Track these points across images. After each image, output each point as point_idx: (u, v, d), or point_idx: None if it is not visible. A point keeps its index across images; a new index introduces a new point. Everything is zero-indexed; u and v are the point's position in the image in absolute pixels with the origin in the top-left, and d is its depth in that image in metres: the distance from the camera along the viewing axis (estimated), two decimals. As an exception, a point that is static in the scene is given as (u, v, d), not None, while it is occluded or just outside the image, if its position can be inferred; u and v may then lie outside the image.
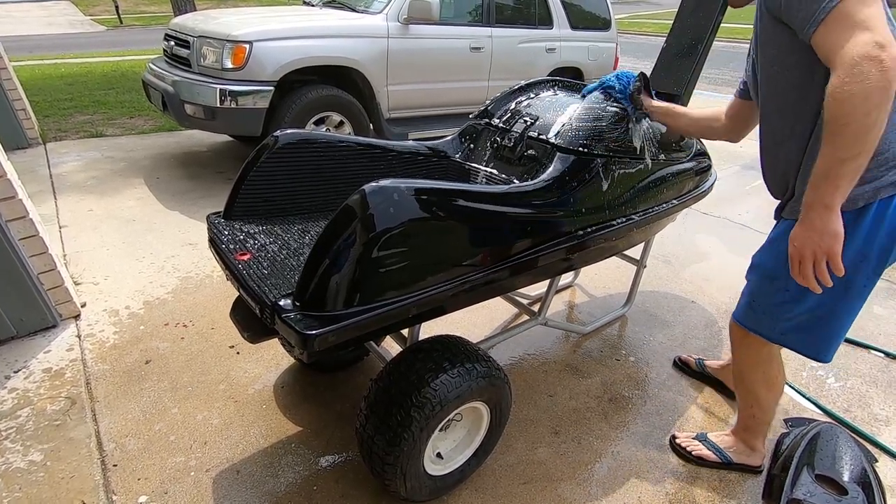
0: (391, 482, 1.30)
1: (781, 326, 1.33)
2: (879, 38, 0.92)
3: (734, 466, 1.62)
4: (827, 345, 1.33)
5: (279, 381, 1.88)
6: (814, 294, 1.15)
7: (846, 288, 1.21)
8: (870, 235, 1.16)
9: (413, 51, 3.83)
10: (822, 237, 1.03)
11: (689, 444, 1.67)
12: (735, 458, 1.62)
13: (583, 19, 4.87)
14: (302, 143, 1.54)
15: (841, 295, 1.22)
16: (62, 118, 5.06)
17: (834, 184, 1.00)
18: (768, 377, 1.48)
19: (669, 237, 3.12)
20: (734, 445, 1.63)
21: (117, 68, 7.67)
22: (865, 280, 1.21)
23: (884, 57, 0.90)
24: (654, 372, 2.04)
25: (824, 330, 1.30)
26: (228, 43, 3.20)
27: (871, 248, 1.17)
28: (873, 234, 1.15)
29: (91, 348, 1.99)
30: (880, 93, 0.91)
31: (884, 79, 0.90)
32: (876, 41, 0.92)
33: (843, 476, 1.53)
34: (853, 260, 1.17)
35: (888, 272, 2.87)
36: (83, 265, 2.55)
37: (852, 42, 0.94)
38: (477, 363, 1.33)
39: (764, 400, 1.52)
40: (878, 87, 0.91)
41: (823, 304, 1.25)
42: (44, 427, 1.63)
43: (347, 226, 1.07)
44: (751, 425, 1.59)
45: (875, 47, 0.91)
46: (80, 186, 3.50)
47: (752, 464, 1.62)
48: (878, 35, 0.92)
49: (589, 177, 1.50)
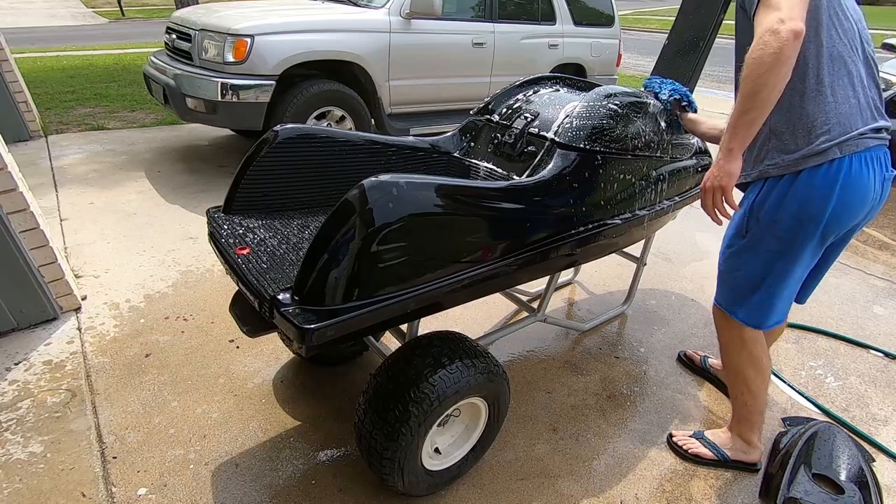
0: (389, 477, 1.31)
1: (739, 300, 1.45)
2: (783, 15, 1.10)
3: (731, 464, 1.62)
4: (766, 311, 1.44)
5: (278, 375, 1.88)
6: (758, 259, 1.36)
7: (782, 251, 1.34)
8: (802, 202, 1.28)
9: (415, 46, 3.82)
10: (720, 174, 1.24)
11: (686, 442, 1.68)
12: (732, 455, 1.62)
13: (586, 15, 4.85)
14: (302, 138, 1.53)
15: (776, 258, 1.36)
16: (64, 111, 5.05)
17: (733, 132, 1.20)
18: (754, 357, 1.51)
19: (670, 235, 3.12)
20: (730, 442, 1.64)
21: (119, 61, 7.66)
22: (801, 245, 1.32)
23: (781, 29, 1.09)
24: (653, 370, 2.04)
25: (765, 295, 1.41)
26: (230, 37, 3.19)
27: (804, 214, 1.28)
28: (805, 201, 1.28)
29: (91, 341, 2.00)
30: (773, 58, 1.10)
31: (776, 46, 1.09)
32: (780, 17, 1.10)
33: (841, 475, 1.53)
34: (789, 224, 1.31)
35: (889, 271, 2.87)
36: (84, 258, 2.56)
37: (765, 19, 1.13)
38: (476, 359, 1.33)
39: (753, 383, 1.54)
40: (772, 52, 1.10)
41: (766, 270, 1.38)
42: (44, 419, 1.64)
43: (346, 221, 1.07)
44: (745, 416, 1.60)
45: (777, 22, 1.10)
46: (81, 179, 3.50)
47: (748, 461, 1.62)
48: (783, 13, 1.10)
49: (589, 174, 1.50)
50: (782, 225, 1.32)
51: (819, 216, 1.28)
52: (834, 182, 1.24)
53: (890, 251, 3.14)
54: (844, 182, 1.24)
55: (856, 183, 1.25)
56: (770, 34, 1.10)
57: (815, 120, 1.24)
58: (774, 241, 1.34)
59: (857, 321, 2.42)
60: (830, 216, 1.27)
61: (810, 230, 1.30)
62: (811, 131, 1.25)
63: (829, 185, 1.25)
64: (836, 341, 2.28)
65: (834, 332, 2.32)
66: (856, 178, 1.24)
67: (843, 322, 2.40)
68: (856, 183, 1.25)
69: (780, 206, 1.31)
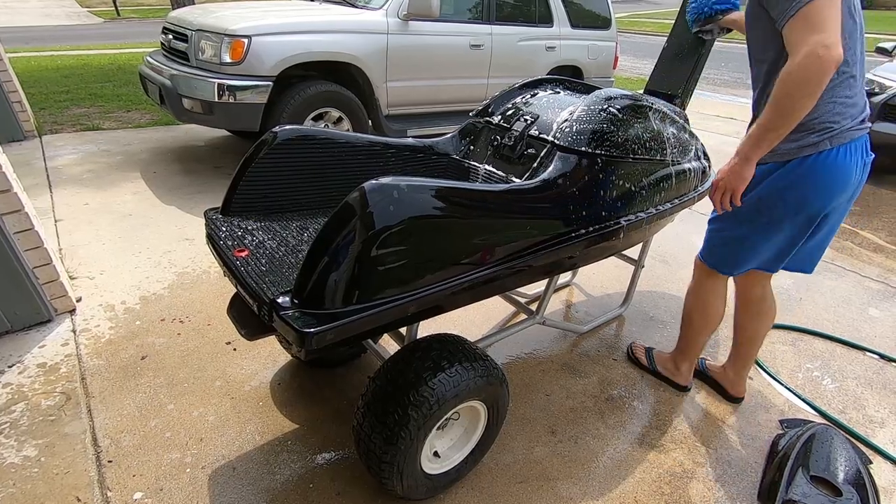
0: (388, 480, 1.30)
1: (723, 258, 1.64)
2: (828, 40, 1.14)
3: (658, 375, 1.98)
4: (733, 262, 1.63)
5: (276, 378, 1.87)
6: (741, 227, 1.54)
7: (767, 222, 1.50)
8: (791, 184, 1.41)
9: (413, 47, 3.82)
10: (734, 178, 1.36)
11: (637, 349, 2.07)
12: (661, 370, 1.97)
13: (583, 18, 4.86)
14: (301, 140, 1.53)
15: (762, 227, 1.51)
16: (58, 111, 5.02)
17: (757, 143, 1.30)
18: (705, 304, 1.77)
19: (667, 237, 3.13)
20: (665, 363, 1.97)
21: (114, 61, 7.62)
22: (783, 218, 1.47)
23: (825, 56, 1.14)
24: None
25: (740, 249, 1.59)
26: (227, 37, 3.18)
27: (790, 194, 1.42)
28: (794, 183, 1.41)
29: (86, 343, 1.98)
30: (815, 83, 1.17)
31: (819, 73, 1.15)
32: (825, 43, 1.14)
33: (838, 477, 1.53)
34: (774, 204, 1.45)
35: (884, 274, 2.89)
36: (79, 259, 2.54)
37: (808, 39, 1.16)
38: (475, 362, 1.32)
39: (695, 323, 1.82)
40: (815, 78, 1.16)
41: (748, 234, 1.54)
42: (38, 422, 1.62)
43: (347, 223, 1.07)
44: (681, 346, 1.90)
45: (822, 47, 1.14)
46: (76, 180, 3.48)
47: (675, 381, 1.93)
48: (827, 37, 1.14)
49: (589, 177, 1.50)
50: (768, 203, 1.46)
51: (805, 200, 1.41)
52: (822, 170, 1.37)
53: (885, 254, 3.16)
54: (831, 170, 1.37)
55: (841, 170, 1.38)
56: (814, 58, 1.14)
57: (812, 118, 1.33)
58: (757, 214, 1.50)
59: (852, 323, 2.43)
60: (816, 199, 1.41)
61: (794, 210, 1.44)
62: (809, 127, 1.35)
63: (817, 172, 1.38)
64: (833, 343, 2.29)
65: (830, 334, 2.33)
66: (841, 166, 1.37)
67: (840, 324, 2.42)
68: (841, 170, 1.38)
69: (772, 188, 1.44)
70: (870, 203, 3.99)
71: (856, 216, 3.72)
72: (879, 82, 4.38)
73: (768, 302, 1.75)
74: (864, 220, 3.67)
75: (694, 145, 1.94)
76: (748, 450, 1.71)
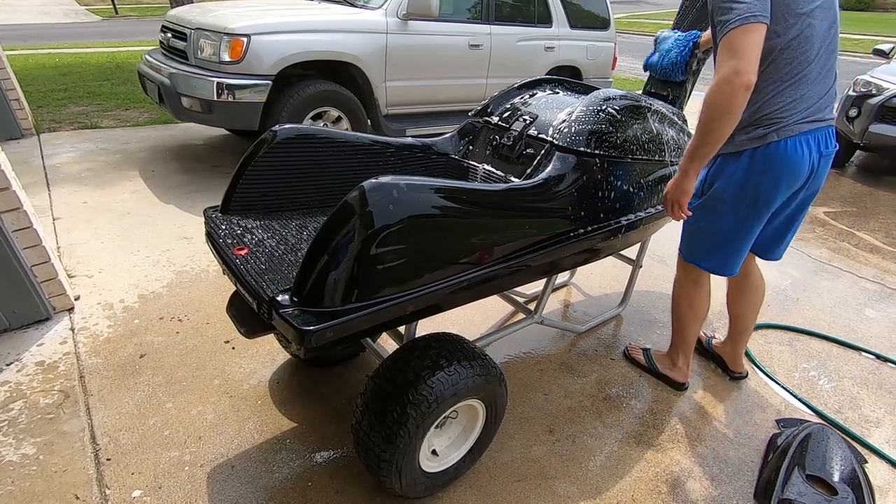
0: (386, 479, 1.30)
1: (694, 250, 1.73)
2: (741, 66, 1.24)
3: (658, 375, 2.00)
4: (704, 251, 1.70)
5: (274, 376, 1.88)
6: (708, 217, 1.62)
7: (730, 210, 1.58)
8: (745, 175, 1.51)
9: (412, 47, 3.82)
10: (677, 191, 1.48)
11: (634, 350, 2.09)
12: (661, 368, 1.99)
13: (582, 18, 4.87)
14: (301, 139, 1.53)
15: (729, 221, 1.60)
16: (56, 109, 5.01)
17: (691, 159, 1.42)
18: (690, 298, 1.84)
19: (665, 238, 3.14)
20: (662, 360, 2.01)
21: (112, 59, 7.60)
22: (746, 210, 1.55)
23: (735, 81, 1.24)
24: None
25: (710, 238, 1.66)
26: (226, 36, 3.17)
27: (747, 184, 1.52)
28: (748, 174, 1.50)
29: (85, 342, 1.98)
30: (725, 107, 1.28)
31: (729, 98, 1.26)
32: (737, 69, 1.24)
33: (834, 476, 1.54)
34: (734, 192, 1.54)
35: (880, 275, 2.90)
36: (77, 258, 2.54)
37: (724, 64, 1.27)
38: (473, 361, 1.33)
39: (684, 317, 1.87)
40: (724, 103, 1.27)
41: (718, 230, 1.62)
42: (37, 420, 1.62)
43: (346, 222, 1.07)
44: (675, 342, 1.95)
45: (733, 73, 1.24)
46: (74, 178, 3.47)
47: (674, 378, 1.96)
48: (740, 64, 1.24)
49: (588, 177, 1.50)
50: (729, 192, 1.55)
51: (759, 187, 1.51)
52: (773, 159, 1.47)
53: (881, 254, 3.18)
54: (781, 159, 1.46)
55: (790, 160, 1.46)
56: (726, 84, 1.25)
57: (761, 115, 1.45)
58: (722, 204, 1.58)
59: (849, 324, 2.44)
60: (768, 187, 1.50)
61: (752, 198, 1.53)
62: (757, 122, 1.46)
63: (768, 161, 1.47)
64: (829, 344, 2.30)
65: (827, 334, 2.34)
66: (791, 156, 1.46)
67: (836, 324, 2.43)
68: (790, 160, 1.46)
69: (731, 178, 1.54)
70: (867, 204, 4.01)
71: (852, 217, 3.74)
72: (877, 84, 4.40)
73: (751, 280, 1.87)
74: (860, 221, 3.68)
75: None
76: (745, 449, 1.71)
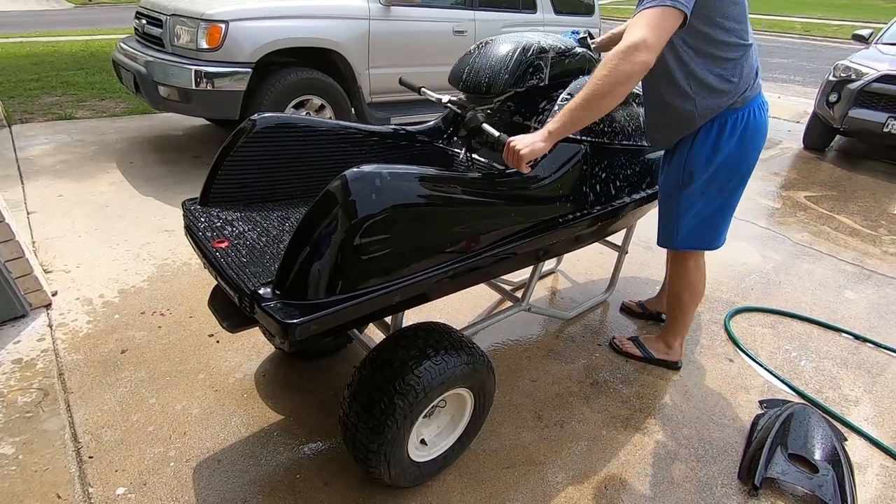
0: (375, 469, 1.30)
1: (682, 234, 1.71)
2: (649, 41, 1.20)
3: (655, 361, 1.99)
4: (712, 236, 1.72)
5: (260, 369, 1.85)
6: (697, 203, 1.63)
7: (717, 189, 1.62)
8: (716, 145, 1.55)
9: (395, 33, 3.76)
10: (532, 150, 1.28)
11: (623, 343, 2.05)
12: (656, 354, 1.99)
13: (566, 4, 4.83)
14: (281, 127, 1.50)
15: (714, 196, 1.63)
16: (28, 99, 4.85)
17: (563, 119, 1.27)
18: (695, 285, 1.84)
19: (650, 223, 3.15)
20: (656, 345, 2.01)
21: (86, 48, 7.37)
22: (725, 181, 1.60)
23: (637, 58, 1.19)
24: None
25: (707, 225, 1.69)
26: (203, 22, 3.09)
27: (720, 154, 1.55)
28: (720, 144, 1.54)
29: (63, 338, 1.94)
30: (624, 78, 1.20)
31: (629, 71, 1.20)
32: (645, 42, 1.19)
33: (815, 455, 1.58)
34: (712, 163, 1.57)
35: (859, 257, 2.96)
36: (54, 252, 2.47)
37: (633, 33, 1.22)
38: (461, 350, 1.32)
39: (687, 303, 1.88)
40: (624, 74, 1.20)
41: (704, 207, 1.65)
42: (15, 419, 1.58)
43: (328, 212, 1.05)
44: (674, 326, 1.96)
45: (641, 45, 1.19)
46: (49, 171, 3.37)
47: (670, 359, 1.98)
48: (648, 38, 1.20)
49: (573, 163, 1.49)
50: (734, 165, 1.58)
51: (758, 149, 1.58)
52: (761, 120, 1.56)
53: (860, 237, 3.24)
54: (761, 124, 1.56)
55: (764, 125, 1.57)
56: (628, 53, 1.19)
57: None
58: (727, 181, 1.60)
59: (829, 305, 2.49)
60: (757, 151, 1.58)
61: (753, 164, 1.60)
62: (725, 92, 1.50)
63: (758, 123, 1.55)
64: (810, 325, 2.34)
65: (808, 316, 2.38)
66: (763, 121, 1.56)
67: (816, 306, 2.47)
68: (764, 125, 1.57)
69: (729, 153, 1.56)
70: (846, 188, 4.08)
71: (832, 201, 3.80)
72: (856, 69, 4.45)
73: None
74: (840, 204, 3.75)
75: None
76: (729, 430, 1.74)
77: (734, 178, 1.60)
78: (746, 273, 2.74)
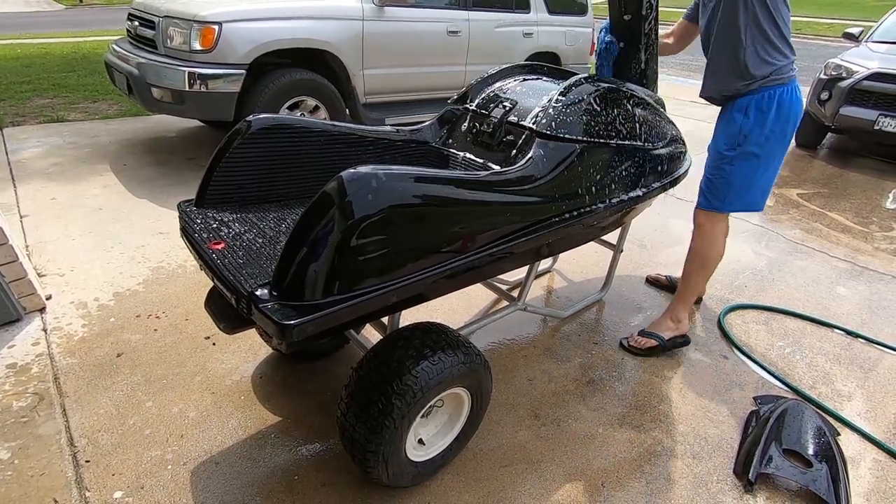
0: (373, 469, 1.30)
1: (729, 197, 1.90)
2: None
3: (667, 343, 2.05)
4: (757, 199, 1.94)
5: (257, 371, 1.85)
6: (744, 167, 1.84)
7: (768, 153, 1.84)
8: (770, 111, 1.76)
9: (389, 34, 3.76)
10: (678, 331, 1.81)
11: (637, 341, 2.07)
12: (666, 336, 2.05)
13: (560, 4, 4.84)
14: (276, 129, 1.50)
15: (765, 160, 1.85)
16: (19, 102, 4.81)
17: None
18: (719, 246, 2.02)
19: (645, 222, 3.17)
20: (664, 326, 2.08)
21: (78, 49, 7.33)
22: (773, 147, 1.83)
23: None
24: (631, 355, 2.08)
25: (753, 190, 1.90)
26: (196, 24, 3.08)
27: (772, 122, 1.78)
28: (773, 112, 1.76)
29: (58, 342, 1.93)
30: None
31: None
32: None
33: (809, 450, 1.60)
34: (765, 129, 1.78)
35: (850, 254, 2.99)
36: (47, 256, 2.46)
37: None
38: (458, 349, 1.33)
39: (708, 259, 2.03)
40: None
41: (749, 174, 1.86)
42: (10, 424, 1.57)
43: (325, 213, 1.05)
44: (685, 296, 2.08)
45: None
46: (41, 173, 3.35)
47: (679, 334, 2.07)
48: None
49: (568, 162, 1.50)
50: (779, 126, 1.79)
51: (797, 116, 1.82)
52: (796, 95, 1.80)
53: (851, 234, 3.27)
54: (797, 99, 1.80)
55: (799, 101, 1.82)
56: None
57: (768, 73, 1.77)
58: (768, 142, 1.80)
59: (821, 301, 2.51)
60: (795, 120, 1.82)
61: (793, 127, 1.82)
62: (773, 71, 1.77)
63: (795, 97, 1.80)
64: (803, 322, 2.36)
65: (801, 312, 2.40)
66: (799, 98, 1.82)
67: (809, 303, 2.50)
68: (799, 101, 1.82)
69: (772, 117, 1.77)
70: (838, 185, 4.11)
71: (824, 198, 3.83)
72: (847, 67, 4.49)
73: None
74: (832, 201, 3.78)
75: (670, 130, 1.96)
76: (724, 426, 1.76)
77: (780, 146, 1.83)
78: (740, 270, 2.76)
